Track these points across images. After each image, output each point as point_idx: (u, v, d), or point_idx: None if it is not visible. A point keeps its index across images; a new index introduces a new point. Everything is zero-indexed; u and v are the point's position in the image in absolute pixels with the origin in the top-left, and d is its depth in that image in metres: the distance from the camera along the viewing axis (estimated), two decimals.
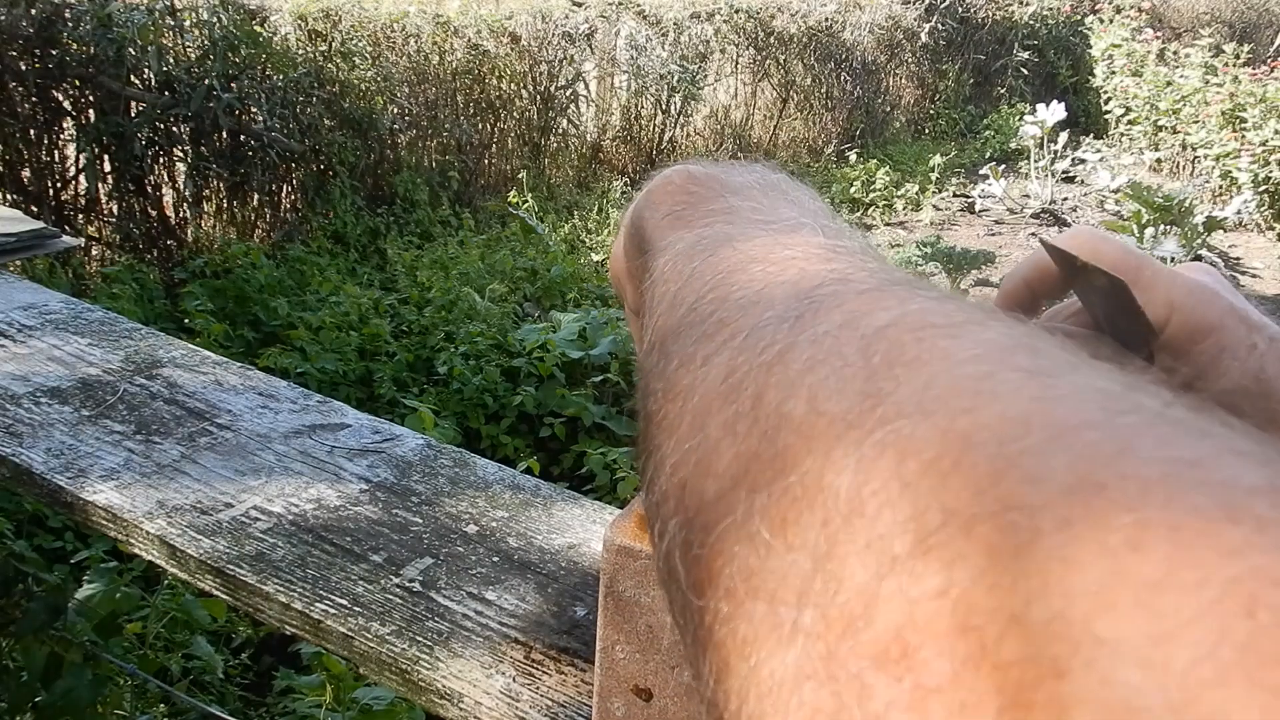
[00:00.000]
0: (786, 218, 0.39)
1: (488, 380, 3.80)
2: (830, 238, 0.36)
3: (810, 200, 0.43)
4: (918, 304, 0.26)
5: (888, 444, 0.20)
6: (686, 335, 0.32)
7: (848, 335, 0.25)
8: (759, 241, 0.35)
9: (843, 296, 0.28)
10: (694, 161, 0.45)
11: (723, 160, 0.46)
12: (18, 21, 4.04)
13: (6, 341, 1.30)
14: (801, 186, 0.44)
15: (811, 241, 0.35)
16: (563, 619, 0.86)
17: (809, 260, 0.33)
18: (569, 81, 6.80)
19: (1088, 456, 0.18)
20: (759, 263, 0.33)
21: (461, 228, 5.63)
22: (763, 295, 0.31)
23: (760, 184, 0.43)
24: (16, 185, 4.33)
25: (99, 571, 1.56)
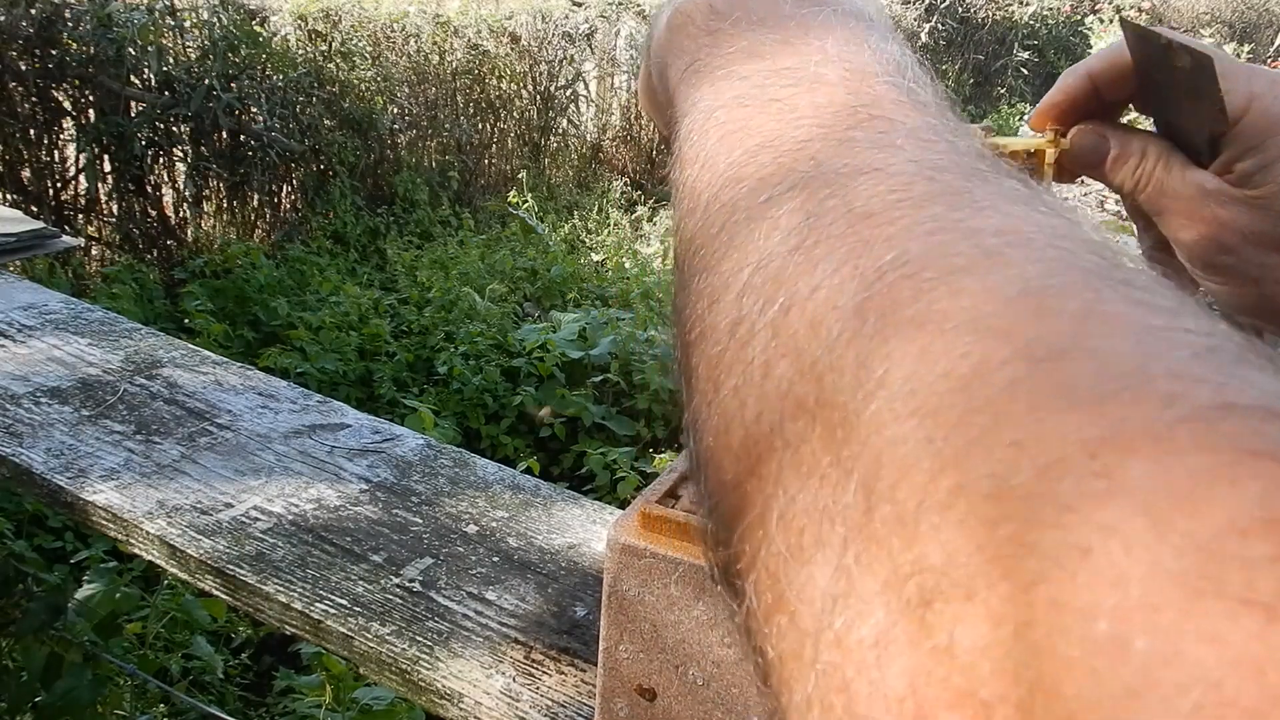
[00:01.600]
0: (813, 52, 0.34)
1: (488, 380, 3.80)
2: (865, 69, 0.33)
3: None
4: (939, 235, 0.23)
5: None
6: (699, 258, 0.30)
7: (848, 283, 0.23)
8: (773, 111, 0.32)
9: (849, 217, 0.25)
10: None
11: None
12: (18, 21, 4.04)
13: (6, 341, 1.29)
14: None
15: (835, 99, 0.31)
16: (563, 619, 0.86)
17: (825, 134, 0.29)
18: (569, 81, 6.80)
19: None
20: (769, 148, 0.30)
21: (461, 228, 5.62)
22: (769, 206, 0.28)
23: None
24: (16, 185, 4.33)
25: (99, 571, 1.56)
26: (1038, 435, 0.17)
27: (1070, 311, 0.19)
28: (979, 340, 0.19)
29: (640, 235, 6.06)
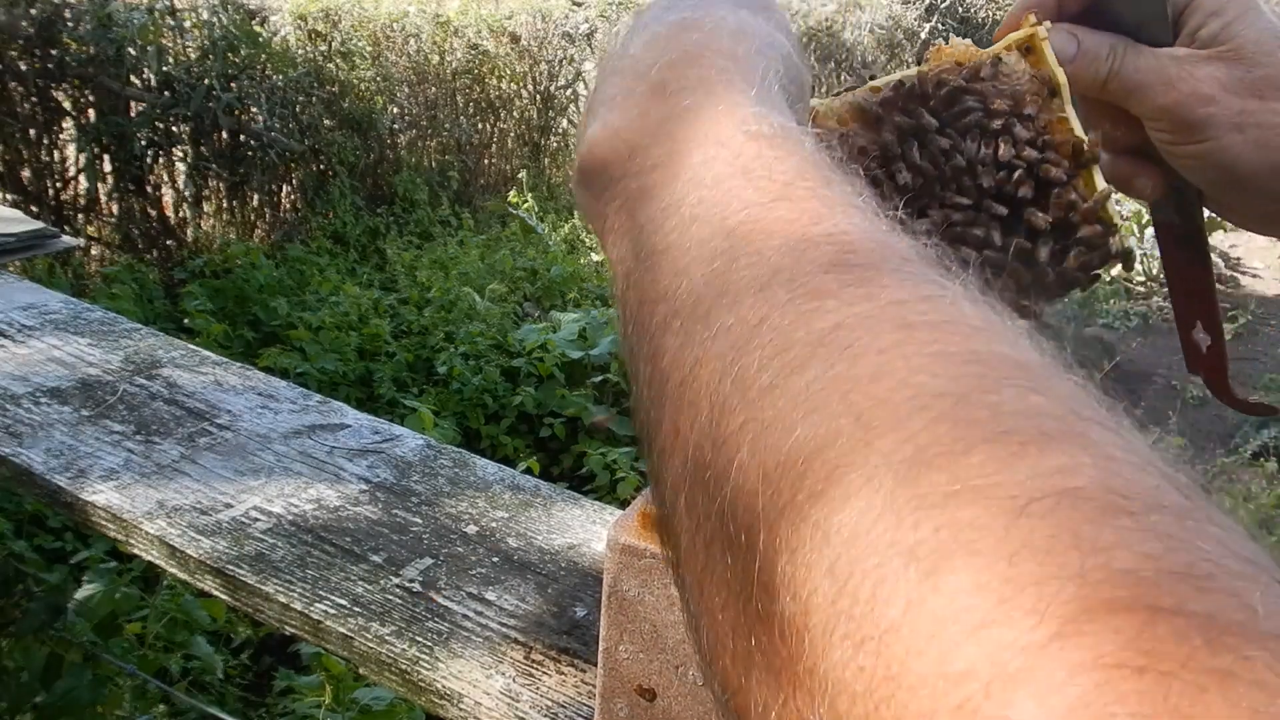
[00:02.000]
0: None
1: (487, 380, 3.79)
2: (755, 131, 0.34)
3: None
4: (832, 315, 0.26)
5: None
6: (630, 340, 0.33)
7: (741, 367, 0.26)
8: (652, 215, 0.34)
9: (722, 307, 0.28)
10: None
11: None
12: (18, 21, 4.04)
13: (6, 341, 1.29)
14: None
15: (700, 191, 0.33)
16: (563, 619, 0.86)
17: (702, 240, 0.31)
18: (569, 81, 6.80)
19: None
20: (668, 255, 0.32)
21: (461, 228, 5.62)
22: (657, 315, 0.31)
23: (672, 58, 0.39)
24: (16, 185, 4.33)
25: (99, 572, 1.56)
26: None
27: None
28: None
29: None
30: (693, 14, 0.41)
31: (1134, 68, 0.55)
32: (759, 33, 0.42)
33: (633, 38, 0.43)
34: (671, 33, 0.41)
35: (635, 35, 0.43)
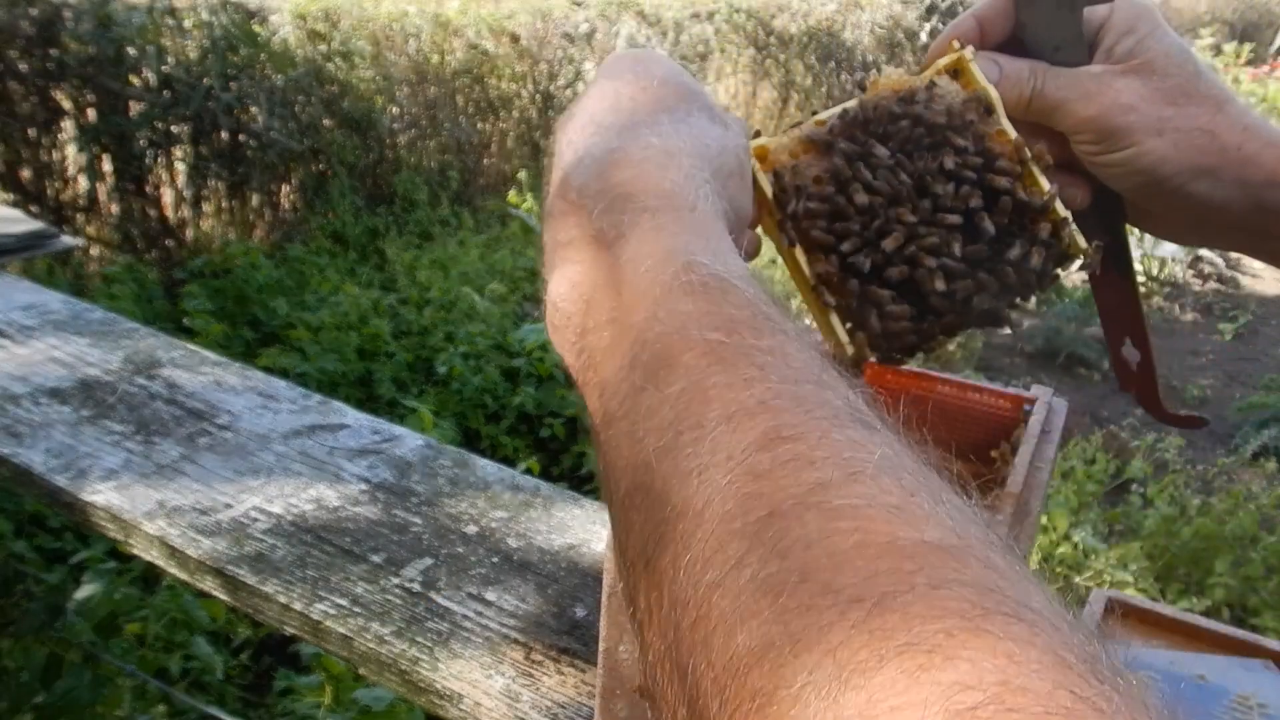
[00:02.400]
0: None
1: (488, 380, 3.79)
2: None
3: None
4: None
5: None
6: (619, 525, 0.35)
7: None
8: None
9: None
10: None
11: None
12: (18, 21, 4.04)
13: (6, 341, 1.29)
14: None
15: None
16: (563, 619, 0.86)
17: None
18: (569, 81, 6.79)
19: None
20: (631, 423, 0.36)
21: (461, 228, 5.62)
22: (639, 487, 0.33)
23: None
24: (16, 185, 4.33)
25: (98, 572, 1.56)
26: None
27: None
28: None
29: None
30: (621, 144, 0.44)
31: (1055, 85, 0.60)
32: (686, 149, 0.45)
33: (576, 147, 0.46)
34: (605, 170, 0.44)
35: (578, 145, 0.46)
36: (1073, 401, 4.33)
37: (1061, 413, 0.78)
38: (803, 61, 8.63)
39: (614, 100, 0.47)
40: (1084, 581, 2.90)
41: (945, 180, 0.56)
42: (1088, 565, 2.94)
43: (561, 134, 0.48)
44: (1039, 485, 0.68)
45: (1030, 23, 0.62)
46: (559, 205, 0.45)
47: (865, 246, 0.54)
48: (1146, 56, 0.59)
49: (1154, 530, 3.13)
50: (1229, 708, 0.71)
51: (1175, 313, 6.21)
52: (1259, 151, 0.58)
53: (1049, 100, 0.60)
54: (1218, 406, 4.86)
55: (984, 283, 0.55)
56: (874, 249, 0.54)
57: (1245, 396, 4.81)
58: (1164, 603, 2.01)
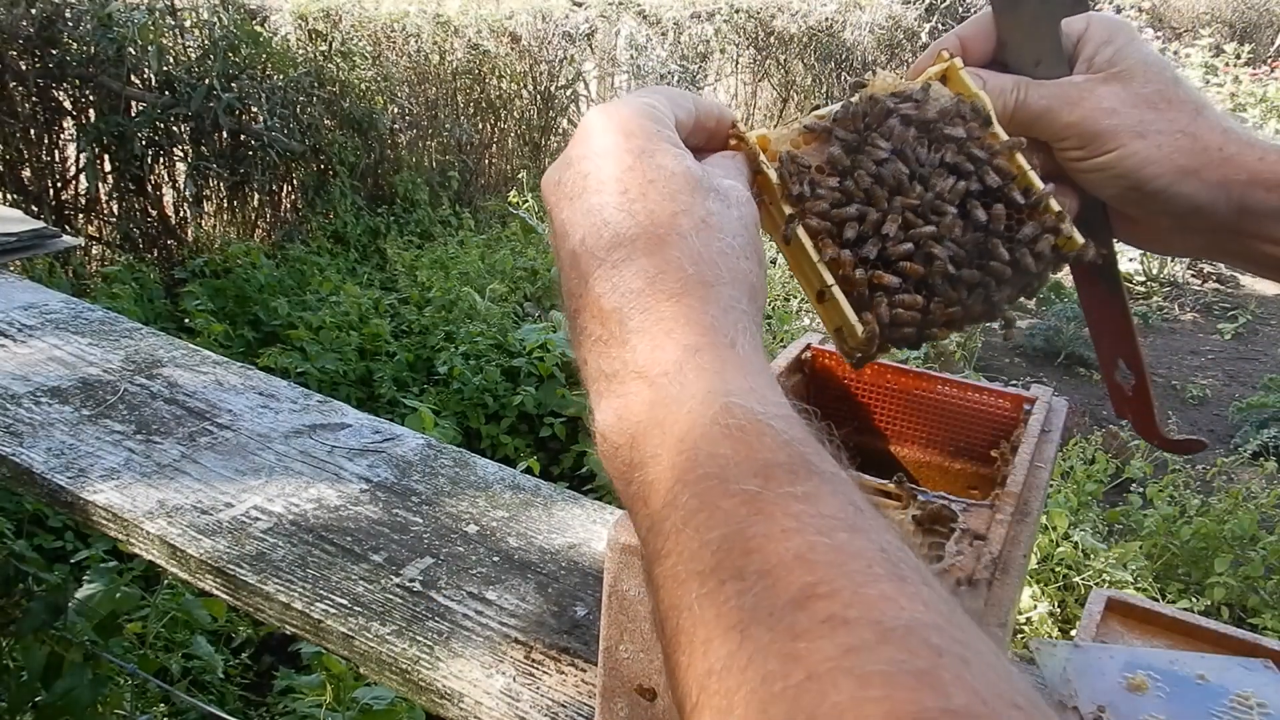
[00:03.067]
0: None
1: (488, 380, 3.79)
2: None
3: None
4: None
5: None
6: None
7: None
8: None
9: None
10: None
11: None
12: (18, 21, 4.04)
13: (7, 341, 1.29)
14: None
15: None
16: (563, 619, 0.86)
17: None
18: (569, 81, 6.79)
19: None
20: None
21: (461, 227, 5.63)
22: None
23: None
24: (16, 185, 4.33)
25: (99, 571, 1.56)
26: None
27: None
28: None
29: None
30: (656, 269, 0.45)
31: (1038, 95, 0.62)
32: (722, 275, 0.46)
33: (599, 259, 0.46)
34: (646, 303, 0.45)
35: (601, 255, 0.46)
36: (1073, 401, 4.33)
37: (1061, 413, 0.78)
38: (803, 61, 8.63)
39: (621, 197, 0.47)
40: (1084, 581, 2.90)
41: (943, 173, 0.57)
42: (1088, 565, 2.94)
43: (566, 214, 0.48)
44: (1039, 485, 0.68)
45: (1010, 40, 0.63)
46: (596, 328, 0.45)
47: (871, 234, 0.54)
48: (1125, 65, 0.61)
49: (1154, 530, 3.14)
50: (1229, 707, 0.71)
51: (1175, 312, 6.21)
52: (1239, 152, 0.59)
53: (1032, 110, 0.61)
54: (1217, 406, 4.86)
55: (990, 269, 0.56)
56: (878, 236, 0.54)
57: (1245, 396, 4.81)
58: (1164, 602, 2.01)
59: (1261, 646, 0.79)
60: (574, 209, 0.48)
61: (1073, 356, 5.17)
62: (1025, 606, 2.82)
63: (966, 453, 0.81)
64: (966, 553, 0.58)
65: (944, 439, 0.81)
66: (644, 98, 0.51)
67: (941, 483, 0.81)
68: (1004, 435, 0.78)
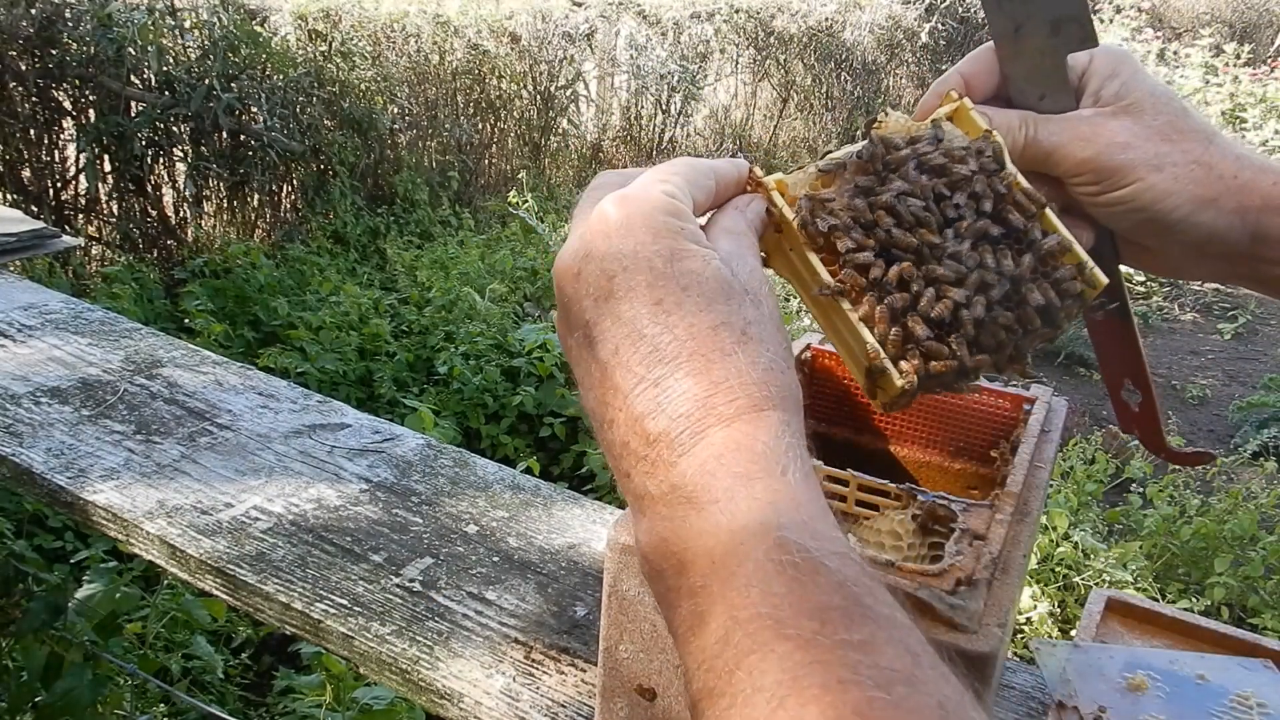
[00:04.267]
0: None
1: (488, 380, 3.80)
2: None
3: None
4: None
5: None
6: None
7: None
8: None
9: None
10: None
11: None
12: (18, 21, 4.04)
13: (7, 341, 1.29)
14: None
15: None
16: (563, 619, 0.86)
17: None
18: (569, 81, 6.79)
19: None
20: None
21: (461, 228, 5.63)
22: None
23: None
24: (16, 185, 4.33)
25: (99, 571, 1.56)
26: None
27: None
28: None
29: None
30: (705, 395, 0.44)
31: (1047, 132, 0.61)
32: (771, 395, 0.45)
33: (642, 378, 0.45)
34: (695, 426, 0.43)
35: (644, 375, 0.45)
36: (1073, 401, 4.32)
37: (1061, 413, 0.78)
38: (802, 61, 8.63)
39: (655, 308, 0.45)
40: (1084, 581, 2.90)
41: (970, 212, 0.56)
42: (1088, 565, 2.94)
43: (592, 316, 0.47)
44: (1039, 485, 0.68)
45: (1015, 74, 0.63)
46: (640, 447, 0.44)
47: (895, 286, 0.53)
48: (1134, 97, 0.61)
49: (1154, 530, 3.14)
50: (1228, 707, 0.71)
51: (1175, 313, 6.21)
52: (1254, 179, 0.59)
53: (1043, 147, 0.61)
54: (1217, 406, 4.86)
55: (1023, 316, 0.56)
56: (904, 286, 0.53)
57: (1245, 396, 4.81)
58: (1164, 602, 2.01)
59: (1261, 646, 0.79)
60: (601, 313, 0.46)
61: (1073, 356, 5.17)
62: (1025, 606, 2.82)
63: (966, 453, 0.81)
64: (966, 553, 0.58)
65: (944, 439, 0.81)
66: (662, 183, 0.49)
67: (941, 483, 0.81)
68: (1004, 435, 0.78)
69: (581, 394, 0.49)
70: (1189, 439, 4.30)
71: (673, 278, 0.46)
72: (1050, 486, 1.92)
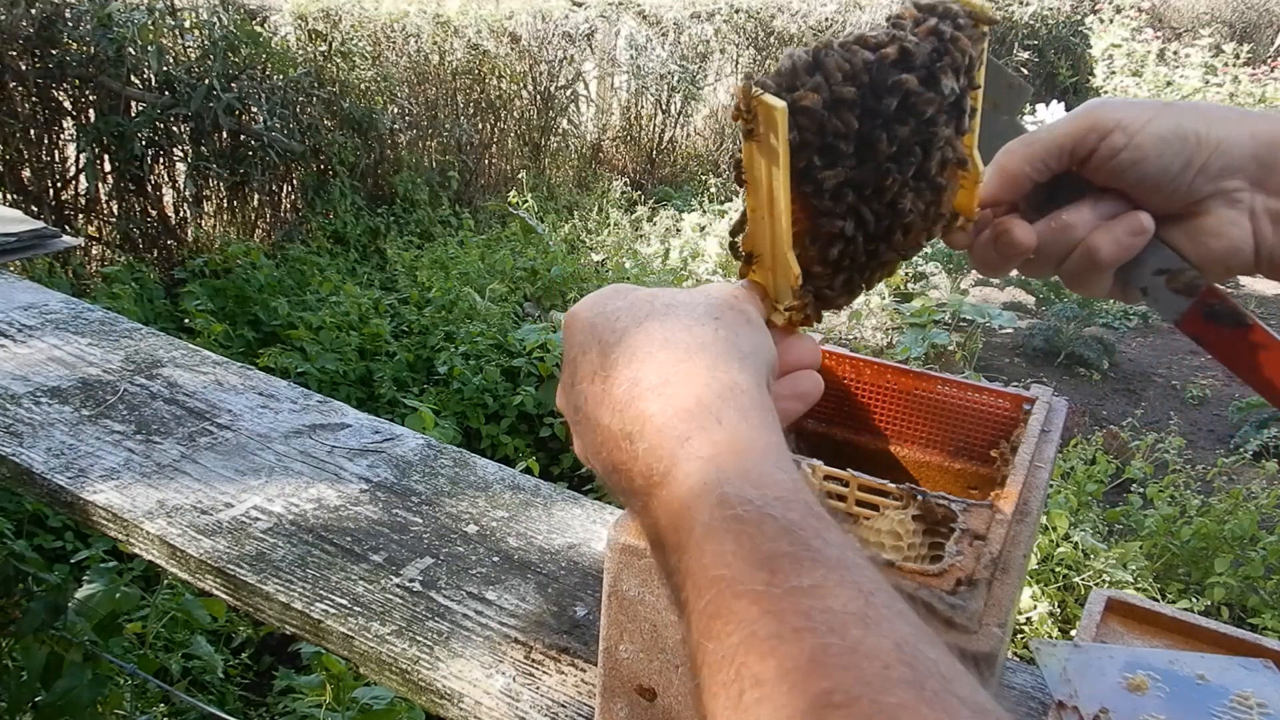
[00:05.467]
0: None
1: (488, 380, 3.80)
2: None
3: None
4: None
5: None
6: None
7: None
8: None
9: None
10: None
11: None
12: (18, 21, 4.04)
13: (7, 341, 1.29)
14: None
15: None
16: (563, 619, 0.86)
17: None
18: (569, 81, 6.79)
19: None
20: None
21: (461, 228, 5.63)
22: None
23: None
24: (16, 185, 4.33)
25: (99, 571, 1.56)
26: None
27: None
28: None
29: (640, 235, 6.07)
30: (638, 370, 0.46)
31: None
32: (693, 329, 0.47)
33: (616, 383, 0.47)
34: (632, 399, 0.45)
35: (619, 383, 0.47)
36: (1073, 401, 4.29)
37: (1061, 413, 0.78)
38: None
39: (599, 332, 0.49)
40: (1084, 581, 2.90)
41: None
42: (1088, 565, 2.94)
43: (572, 364, 0.50)
44: (1039, 485, 0.68)
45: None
46: (619, 456, 0.46)
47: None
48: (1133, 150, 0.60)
49: (1154, 530, 3.14)
50: (1228, 707, 0.71)
51: None
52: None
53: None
54: (1217, 406, 4.86)
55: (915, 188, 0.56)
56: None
57: (1245, 396, 4.81)
58: (1164, 602, 2.01)
59: (1261, 646, 0.79)
60: (572, 359, 0.50)
61: (1073, 356, 5.17)
62: (1025, 606, 2.82)
63: (966, 453, 0.81)
64: (966, 553, 0.58)
65: (944, 439, 0.81)
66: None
67: (941, 483, 0.81)
68: (1004, 435, 0.78)
69: (590, 456, 0.50)
70: (1189, 439, 4.30)
71: (607, 299, 0.50)
72: (1050, 486, 1.92)
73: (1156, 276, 0.61)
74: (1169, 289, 0.61)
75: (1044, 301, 5.93)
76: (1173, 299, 0.61)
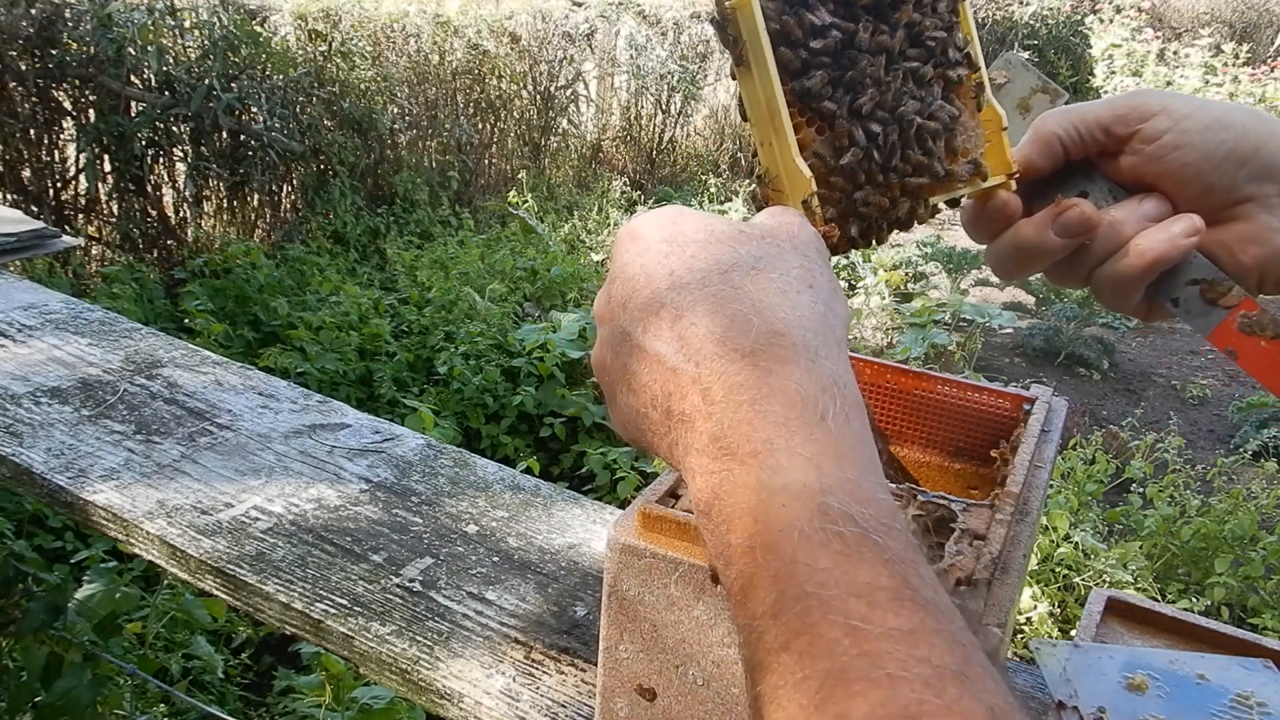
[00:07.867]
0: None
1: (488, 380, 3.80)
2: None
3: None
4: None
5: None
6: None
7: None
8: None
9: None
10: None
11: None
12: (18, 21, 4.04)
13: (7, 341, 1.29)
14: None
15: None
16: (563, 619, 0.86)
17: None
18: (569, 81, 6.80)
19: None
20: None
21: (461, 228, 5.63)
22: None
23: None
24: (16, 185, 4.33)
25: (99, 571, 1.56)
26: None
27: None
28: None
29: None
30: (751, 348, 0.43)
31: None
32: (811, 330, 0.44)
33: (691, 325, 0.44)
34: (740, 372, 0.42)
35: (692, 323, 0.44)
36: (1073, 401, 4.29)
37: (1061, 413, 0.78)
38: None
39: (664, 269, 0.46)
40: (1084, 581, 2.90)
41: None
42: (1088, 565, 2.94)
43: (626, 314, 0.47)
44: (1039, 485, 0.68)
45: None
46: (677, 404, 0.43)
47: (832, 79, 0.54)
48: (1163, 141, 0.59)
49: (1154, 530, 3.14)
50: (1228, 707, 0.71)
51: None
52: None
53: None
54: (1217, 406, 4.86)
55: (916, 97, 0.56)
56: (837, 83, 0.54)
57: (1245, 396, 4.81)
58: (1164, 602, 2.01)
59: (1261, 646, 0.79)
60: (629, 308, 0.47)
61: (1073, 356, 5.17)
62: (1025, 606, 2.82)
63: (966, 453, 0.81)
64: (966, 553, 0.58)
65: (944, 439, 0.81)
66: None
67: (941, 483, 0.81)
68: (1004, 435, 0.78)
69: (625, 404, 0.47)
70: (1189, 439, 4.30)
71: (675, 236, 0.48)
72: (1050, 487, 1.93)
73: (1190, 286, 0.59)
74: (1203, 300, 0.59)
75: (1044, 301, 5.93)
76: (1206, 311, 0.59)
